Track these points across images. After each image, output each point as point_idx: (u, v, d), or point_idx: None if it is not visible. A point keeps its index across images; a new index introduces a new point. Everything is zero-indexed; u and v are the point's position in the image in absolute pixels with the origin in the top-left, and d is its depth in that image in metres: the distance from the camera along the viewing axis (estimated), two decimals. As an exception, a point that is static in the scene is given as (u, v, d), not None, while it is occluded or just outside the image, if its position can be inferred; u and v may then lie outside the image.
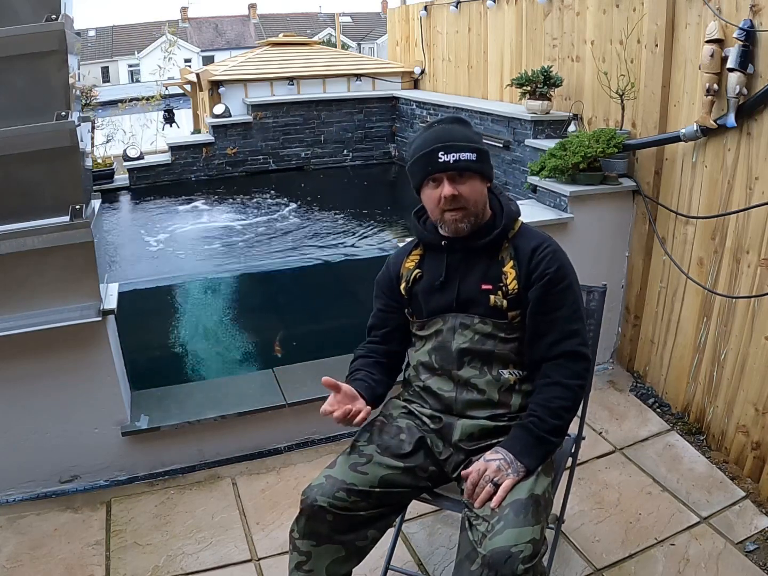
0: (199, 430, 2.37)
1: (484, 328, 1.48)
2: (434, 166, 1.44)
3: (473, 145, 1.46)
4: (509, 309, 1.47)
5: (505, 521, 1.27)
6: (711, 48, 2.18)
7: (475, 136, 1.50)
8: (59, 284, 2.02)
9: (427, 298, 1.55)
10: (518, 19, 3.91)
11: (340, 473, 1.47)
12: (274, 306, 3.38)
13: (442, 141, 1.44)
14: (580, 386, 1.46)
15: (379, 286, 1.67)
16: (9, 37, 1.82)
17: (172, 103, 6.34)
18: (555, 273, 1.46)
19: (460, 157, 1.43)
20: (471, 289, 1.50)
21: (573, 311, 1.47)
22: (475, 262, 1.52)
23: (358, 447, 1.53)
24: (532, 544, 1.24)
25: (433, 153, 1.44)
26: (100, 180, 4.51)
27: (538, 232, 1.57)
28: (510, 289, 1.47)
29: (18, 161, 1.86)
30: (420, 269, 1.58)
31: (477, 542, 1.28)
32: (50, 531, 2.07)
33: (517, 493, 1.32)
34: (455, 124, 1.50)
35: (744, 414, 2.27)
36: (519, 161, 3.64)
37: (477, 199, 1.47)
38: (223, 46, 28.14)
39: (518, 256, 1.49)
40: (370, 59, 6.88)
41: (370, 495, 1.45)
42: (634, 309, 2.90)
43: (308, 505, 1.44)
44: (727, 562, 1.88)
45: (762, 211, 2.12)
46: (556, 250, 1.51)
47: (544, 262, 1.47)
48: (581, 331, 1.48)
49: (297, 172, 5.37)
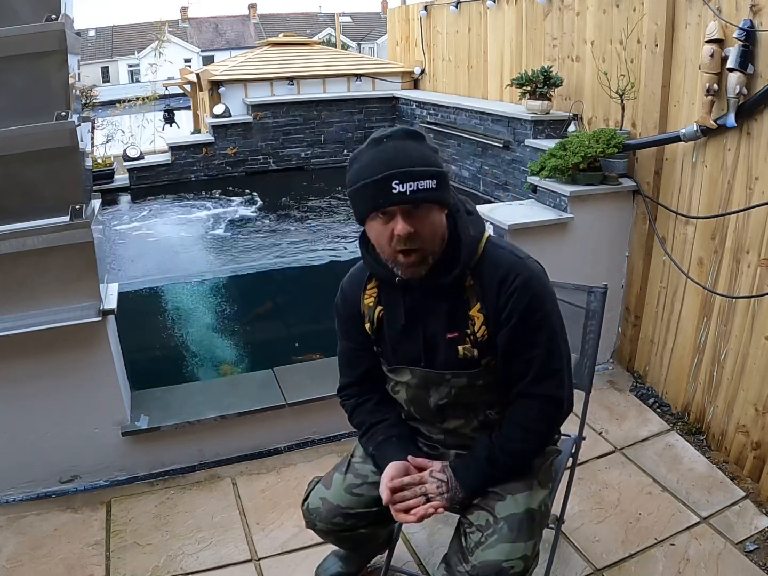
0: (199, 430, 2.37)
1: (459, 381, 1.34)
2: (386, 199, 1.16)
3: (433, 169, 1.18)
4: (481, 357, 1.32)
5: (499, 535, 1.27)
6: (711, 48, 2.18)
7: (433, 154, 1.22)
8: (59, 284, 2.02)
9: (395, 345, 1.38)
10: (518, 19, 3.91)
11: (335, 497, 1.46)
12: (275, 306, 3.39)
13: (396, 166, 1.15)
14: (547, 432, 1.37)
15: (342, 320, 1.46)
16: (9, 37, 1.81)
17: (172, 103, 6.35)
18: (526, 309, 1.27)
19: (419, 187, 1.16)
20: (436, 339, 1.33)
21: (550, 349, 1.31)
22: (437, 304, 1.32)
23: (354, 465, 1.51)
24: (523, 561, 1.24)
25: (385, 182, 1.15)
26: (100, 180, 4.52)
27: (503, 256, 1.32)
28: (479, 337, 1.30)
29: (18, 161, 1.86)
30: (381, 306, 1.37)
31: (468, 550, 1.29)
32: (50, 531, 2.07)
33: (513, 507, 1.30)
34: (409, 141, 1.20)
35: (744, 414, 2.27)
36: (519, 161, 3.64)
37: (435, 236, 1.23)
38: (223, 46, 28.13)
39: (484, 295, 1.29)
40: (370, 59, 6.88)
41: (367, 516, 1.45)
42: (634, 309, 2.90)
43: (311, 526, 1.50)
44: (727, 562, 1.88)
45: (762, 211, 2.12)
46: (528, 279, 1.28)
47: (513, 298, 1.27)
48: (560, 372, 1.32)
49: (297, 171, 5.37)
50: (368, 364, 1.46)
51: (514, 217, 2.70)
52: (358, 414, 1.49)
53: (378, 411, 1.47)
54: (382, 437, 1.43)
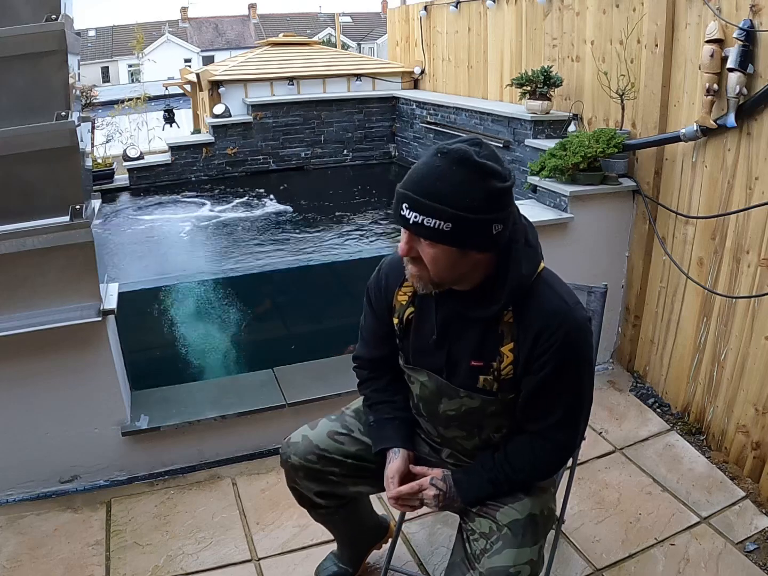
0: (199, 430, 2.37)
1: (472, 402, 1.31)
2: (395, 216, 1.15)
3: (452, 212, 1.08)
4: (500, 391, 1.28)
5: (504, 541, 1.27)
6: (711, 48, 2.18)
7: (477, 195, 1.08)
8: (59, 284, 2.02)
9: (417, 348, 1.36)
10: (518, 19, 3.91)
11: (316, 437, 1.50)
12: (275, 306, 3.39)
13: (413, 190, 1.10)
14: (554, 471, 1.39)
15: (372, 304, 1.44)
16: (9, 37, 1.81)
17: (172, 103, 6.35)
18: (562, 362, 1.21)
19: (424, 223, 1.09)
20: (460, 361, 1.29)
21: (577, 402, 1.29)
22: (470, 328, 1.27)
23: (345, 416, 1.55)
24: (530, 566, 1.24)
25: (398, 201, 1.13)
26: (100, 180, 4.52)
27: (551, 300, 1.22)
28: (504, 374, 1.25)
29: (18, 161, 1.86)
30: (413, 308, 1.34)
31: (474, 557, 1.29)
32: (50, 531, 2.07)
33: (514, 513, 1.31)
34: (460, 169, 1.09)
35: (744, 414, 2.27)
36: (519, 161, 3.64)
37: (442, 271, 1.16)
38: (223, 46, 28.14)
39: (519, 337, 1.22)
40: (370, 59, 6.88)
41: (341, 464, 1.48)
42: (634, 309, 2.90)
43: (284, 461, 1.52)
44: (727, 562, 1.88)
45: (762, 211, 2.12)
46: (569, 332, 1.20)
47: (551, 351, 1.20)
48: (581, 423, 1.32)
49: (297, 171, 5.37)
50: (388, 350, 1.45)
51: (514, 217, 2.69)
52: (368, 386, 1.51)
53: (388, 390, 1.48)
54: (386, 415, 1.45)
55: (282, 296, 3.36)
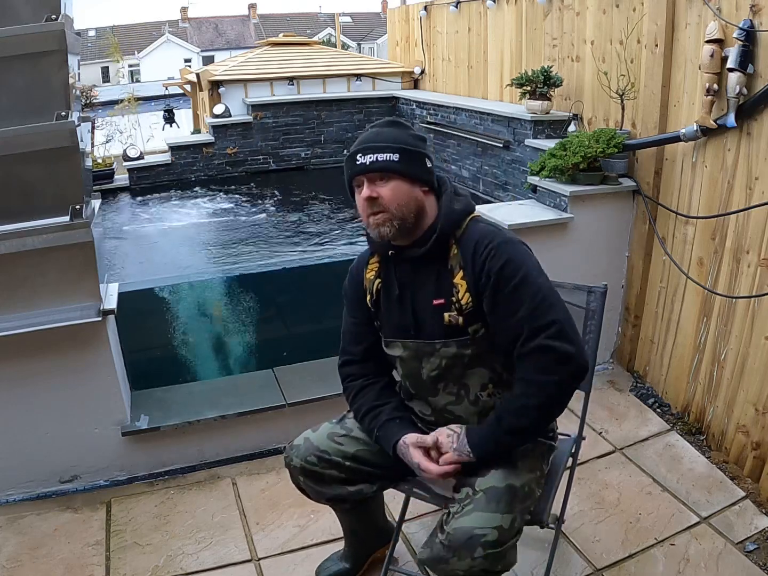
0: (199, 430, 2.37)
1: (448, 351, 1.40)
2: (353, 169, 1.38)
3: (396, 145, 1.36)
4: (468, 324, 1.37)
5: (475, 504, 1.30)
6: (711, 48, 2.18)
7: (408, 137, 1.40)
8: (59, 284, 2.02)
9: (388, 315, 1.48)
10: (518, 19, 3.91)
11: (317, 439, 1.54)
12: (275, 305, 3.38)
13: (363, 143, 1.38)
14: (550, 381, 1.30)
15: (348, 298, 1.58)
16: (9, 37, 1.81)
17: (172, 103, 6.35)
18: (502, 270, 1.32)
19: (378, 158, 1.34)
20: (424, 307, 1.41)
21: (535, 306, 1.31)
22: (425, 273, 1.42)
23: (346, 420, 1.59)
24: (498, 531, 1.25)
25: (353, 156, 1.38)
26: (100, 180, 4.52)
27: (484, 227, 1.41)
28: (464, 304, 1.36)
29: (18, 161, 1.86)
30: (380, 279, 1.49)
31: (446, 521, 1.32)
32: (50, 531, 2.07)
33: (493, 480, 1.33)
34: (388, 127, 1.42)
35: (744, 414, 2.27)
36: (519, 161, 3.64)
37: (401, 203, 1.36)
38: (223, 46, 28.14)
39: (465, 263, 1.37)
40: (370, 59, 6.88)
41: (340, 466, 1.52)
42: (634, 309, 2.90)
43: (287, 463, 1.56)
44: (727, 562, 1.88)
45: (762, 211, 2.12)
46: (501, 243, 1.35)
47: (488, 261, 1.33)
48: (553, 324, 1.30)
49: (297, 171, 5.37)
50: (370, 341, 1.54)
51: (514, 217, 2.70)
52: (361, 396, 1.54)
53: (383, 395, 1.53)
54: (386, 417, 1.48)
55: (282, 296, 3.35)
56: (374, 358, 1.55)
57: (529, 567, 1.85)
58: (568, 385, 1.33)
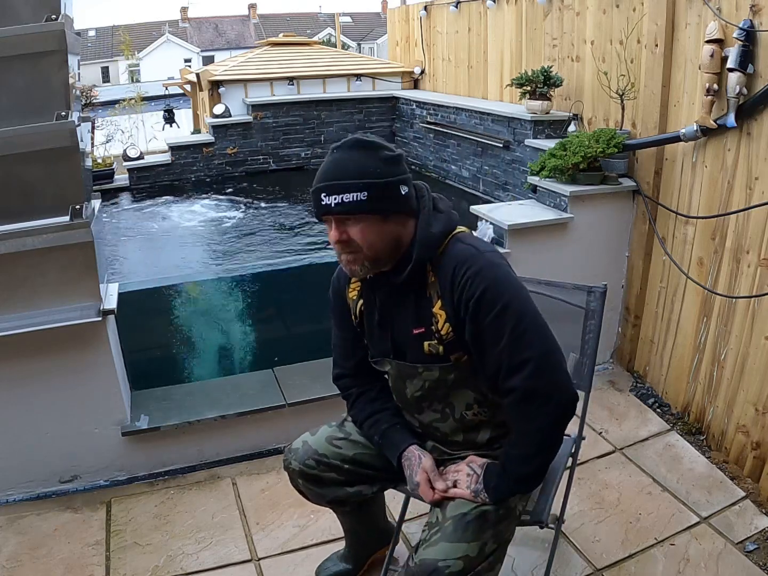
0: (199, 430, 2.37)
1: (431, 374, 1.36)
2: (318, 210, 1.25)
3: (363, 181, 1.21)
4: (449, 353, 1.31)
5: (442, 533, 1.27)
6: (711, 48, 2.18)
7: (377, 164, 1.23)
8: (59, 284, 2.02)
9: (371, 337, 1.44)
10: (518, 19, 3.91)
11: (315, 442, 1.54)
12: (275, 305, 3.39)
13: (325, 179, 1.23)
14: (540, 428, 1.26)
15: (334, 312, 1.52)
16: (9, 37, 1.81)
17: (172, 103, 6.35)
18: (481, 299, 1.23)
19: (344, 200, 1.21)
20: (404, 334, 1.36)
21: (514, 339, 1.23)
22: (404, 300, 1.35)
23: (345, 423, 1.58)
24: (464, 561, 1.22)
25: (316, 194, 1.24)
26: (100, 180, 4.52)
27: (463, 250, 1.29)
28: (444, 334, 1.29)
29: (18, 161, 1.86)
30: (362, 300, 1.43)
31: (414, 549, 1.31)
32: (50, 531, 2.07)
33: (463, 506, 1.30)
34: (355, 151, 1.25)
35: (744, 414, 2.27)
36: (519, 161, 3.64)
37: (372, 243, 1.25)
38: (223, 46, 28.16)
39: (443, 292, 1.28)
40: (370, 59, 6.89)
41: (338, 470, 1.51)
42: (634, 309, 2.90)
43: (286, 466, 1.55)
44: (727, 562, 1.88)
45: (762, 211, 2.12)
46: (479, 270, 1.24)
47: (466, 291, 1.24)
48: (529, 362, 1.22)
49: (297, 171, 5.37)
50: (360, 356, 1.51)
51: (514, 217, 2.70)
52: (359, 403, 1.53)
53: (379, 399, 1.52)
54: (387, 425, 1.47)
55: (282, 296, 3.35)
56: (366, 371, 1.52)
57: (529, 567, 1.85)
58: (559, 422, 1.29)
